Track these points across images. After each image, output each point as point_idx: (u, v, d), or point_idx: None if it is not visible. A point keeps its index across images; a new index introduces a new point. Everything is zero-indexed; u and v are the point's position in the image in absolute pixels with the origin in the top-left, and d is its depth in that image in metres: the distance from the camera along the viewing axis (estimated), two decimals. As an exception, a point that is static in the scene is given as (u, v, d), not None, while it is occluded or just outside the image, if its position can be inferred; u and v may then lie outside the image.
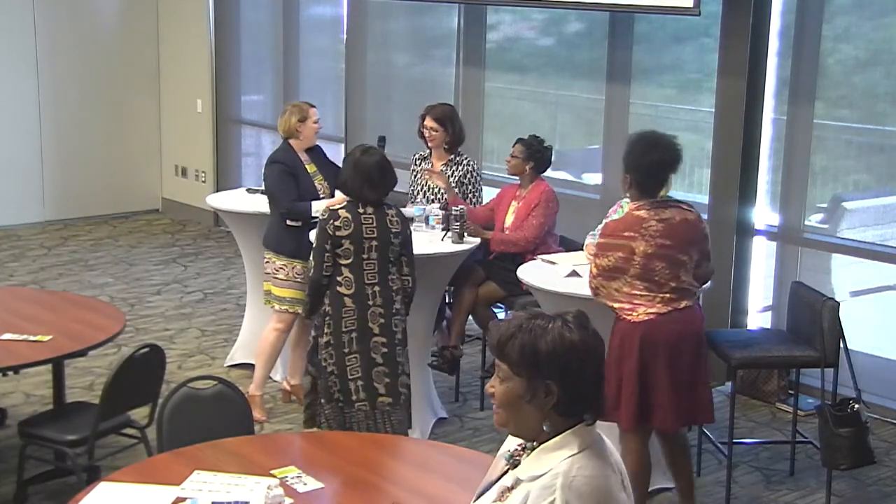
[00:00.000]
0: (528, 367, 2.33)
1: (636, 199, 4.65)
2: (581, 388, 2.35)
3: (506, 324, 2.38)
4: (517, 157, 6.18)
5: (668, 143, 4.69)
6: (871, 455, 4.89)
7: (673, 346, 4.54)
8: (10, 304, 5.45)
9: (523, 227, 6.09)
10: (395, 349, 4.90)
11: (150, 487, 3.40)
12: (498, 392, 2.39)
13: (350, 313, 4.84)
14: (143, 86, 10.51)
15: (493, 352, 2.40)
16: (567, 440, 2.35)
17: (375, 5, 8.99)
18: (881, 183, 6.57)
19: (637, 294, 4.54)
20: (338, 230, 4.81)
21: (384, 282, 4.88)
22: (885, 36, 6.34)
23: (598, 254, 4.63)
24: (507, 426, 2.43)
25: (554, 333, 2.32)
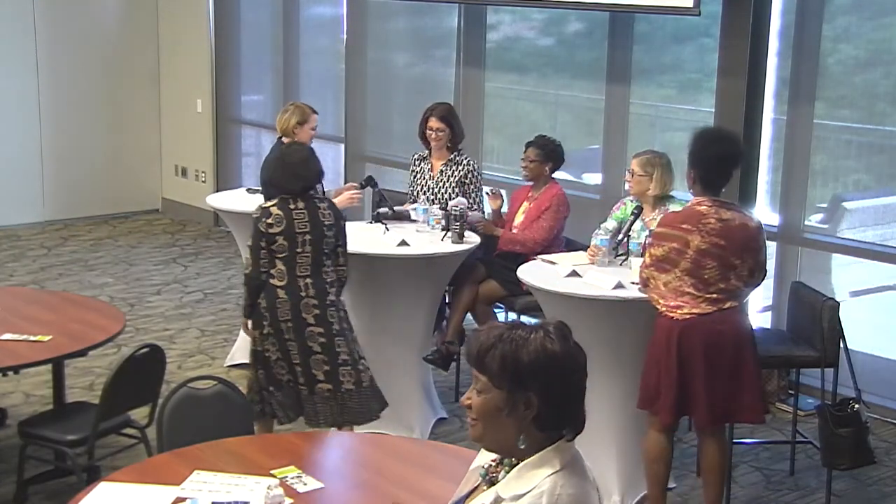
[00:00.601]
0: (508, 378, 2.25)
1: (699, 194, 4.63)
2: (562, 402, 2.29)
3: (485, 334, 2.30)
4: (535, 161, 6.16)
5: (730, 137, 4.79)
6: (871, 455, 4.89)
7: (713, 345, 4.54)
8: (10, 304, 5.45)
9: (532, 229, 6.09)
10: (335, 339, 4.98)
11: (150, 487, 3.40)
12: (475, 404, 2.30)
13: (283, 304, 4.94)
14: (143, 86, 10.51)
15: (470, 362, 2.32)
16: (548, 457, 2.30)
17: (375, 5, 8.99)
18: (881, 183, 6.57)
19: (685, 291, 4.54)
20: (270, 227, 4.91)
21: (317, 274, 4.98)
22: (885, 36, 6.34)
23: (654, 243, 4.63)
24: (482, 440, 2.35)
25: (536, 344, 2.25)
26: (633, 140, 7.33)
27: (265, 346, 4.99)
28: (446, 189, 6.31)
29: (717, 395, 4.59)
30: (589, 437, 5.39)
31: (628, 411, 5.04)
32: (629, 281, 4.98)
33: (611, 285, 4.92)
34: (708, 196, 4.60)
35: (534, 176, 6.20)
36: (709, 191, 4.62)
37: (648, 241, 4.75)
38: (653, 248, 4.64)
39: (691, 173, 4.65)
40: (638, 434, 5.11)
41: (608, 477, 5.07)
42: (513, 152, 8.05)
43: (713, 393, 4.58)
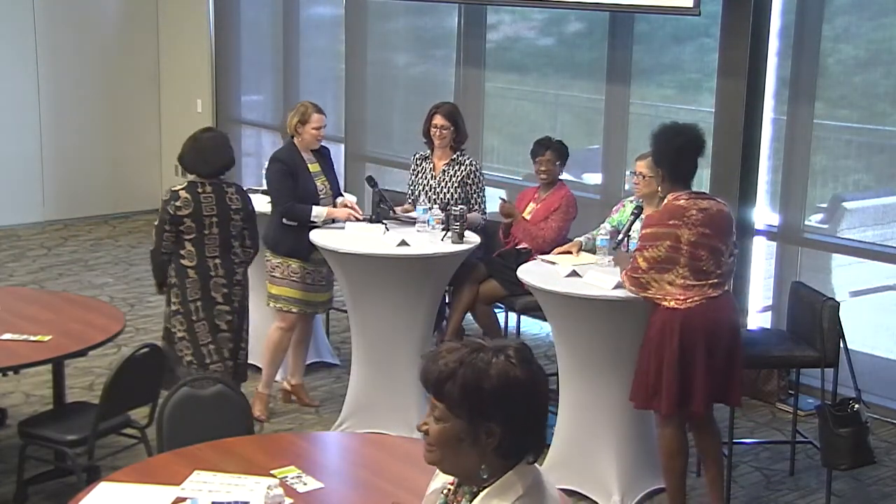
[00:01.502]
0: (470, 407, 2.13)
1: (670, 191, 4.69)
2: (525, 429, 2.18)
3: (442, 359, 2.17)
4: (554, 163, 6.20)
5: (690, 128, 4.80)
6: (871, 455, 4.89)
7: (711, 333, 4.61)
8: (10, 304, 5.45)
9: (543, 228, 6.10)
10: (236, 316, 5.34)
11: (150, 487, 3.40)
12: (433, 431, 2.18)
13: (194, 284, 5.24)
14: (143, 86, 10.51)
15: (428, 389, 2.19)
16: (511, 481, 2.17)
17: (375, 5, 8.99)
18: (881, 183, 6.57)
19: (690, 285, 4.59)
20: (178, 210, 5.17)
21: (226, 255, 5.29)
22: (885, 36, 6.34)
23: (645, 246, 4.64)
24: (441, 466, 2.24)
25: (498, 370, 2.12)
26: (633, 140, 7.33)
27: (172, 323, 5.31)
28: (448, 189, 6.30)
29: (716, 380, 4.64)
30: (589, 437, 5.41)
31: (628, 412, 5.04)
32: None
33: (611, 285, 4.92)
34: (679, 190, 4.67)
35: (553, 178, 6.25)
36: (679, 185, 4.69)
37: (638, 246, 4.73)
38: (646, 251, 4.63)
39: (659, 172, 4.71)
40: (638, 434, 5.12)
41: (608, 477, 5.07)
42: (513, 152, 8.07)
43: (712, 378, 4.63)
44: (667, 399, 4.63)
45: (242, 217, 5.33)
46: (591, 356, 5.03)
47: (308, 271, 5.92)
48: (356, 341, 5.84)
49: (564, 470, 5.13)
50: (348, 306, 5.87)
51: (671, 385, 4.61)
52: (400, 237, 5.67)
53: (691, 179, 4.75)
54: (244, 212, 5.34)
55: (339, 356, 6.90)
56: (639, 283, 4.67)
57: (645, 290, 4.66)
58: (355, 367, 5.87)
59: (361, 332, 5.77)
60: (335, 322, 7.45)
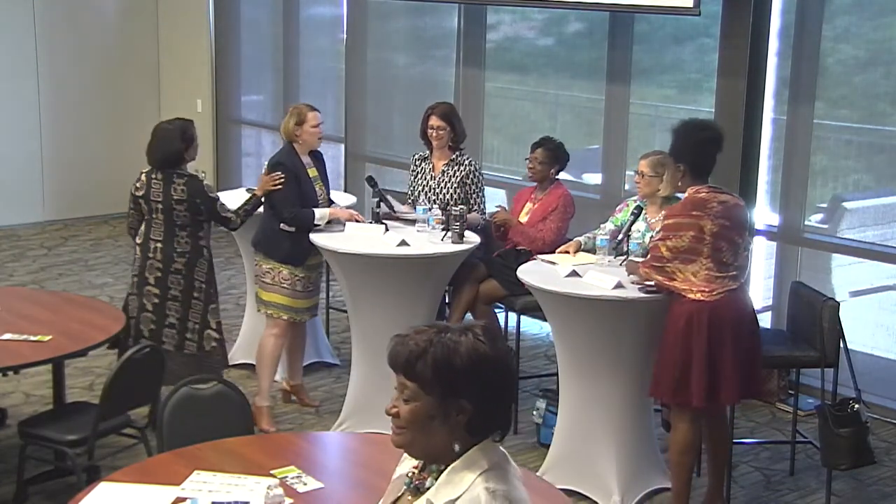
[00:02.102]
0: (441, 384, 2.17)
1: (691, 184, 4.71)
2: (495, 406, 2.22)
3: (412, 339, 2.21)
4: (543, 163, 6.17)
5: (712, 123, 4.88)
6: (871, 455, 4.89)
7: (737, 325, 4.67)
8: (10, 304, 5.45)
9: (541, 229, 6.10)
10: (168, 302, 5.60)
11: (150, 487, 3.40)
12: (404, 412, 2.21)
13: (136, 261, 5.66)
14: (143, 86, 10.51)
15: (397, 369, 2.21)
16: (474, 457, 2.21)
17: (375, 5, 8.99)
18: (881, 183, 6.57)
19: (714, 276, 4.61)
20: (136, 190, 5.63)
21: (169, 241, 5.58)
22: (885, 36, 6.34)
23: (669, 235, 4.64)
24: (410, 448, 2.26)
25: (467, 348, 2.18)
26: (633, 140, 7.34)
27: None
28: (448, 189, 6.30)
29: (744, 371, 4.70)
30: (589, 437, 5.41)
31: (628, 412, 5.04)
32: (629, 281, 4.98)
33: (611, 285, 4.92)
34: (699, 184, 4.69)
35: (540, 177, 6.21)
36: (699, 179, 4.71)
37: (660, 236, 4.71)
38: (670, 241, 4.64)
39: (680, 168, 4.72)
40: (638, 434, 5.12)
41: (608, 477, 5.07)
42: (513, 152, 8.07)
43: (742, 370, 4.68)
44: (697, 392, 4.64)
45: (186, 209, 5.53)
46: (591, 356, 5.03)
47: (299, 278, 5.84)
48: (356, 341, 5.84)
49: (564, 470, 5.13)
50: (348, 306, 5.87)
51: (701, 378, 4.63)
52: (400, 237, 5.67)
53: (710, 172, 4.78)
54: (187, 203, 5.52)
55: (339, 356, 6.90)
56: (664, 272, 4.66)
57: (671, 279, 4.66)
58: (355, 367, 5.87)
59: (361, 332, 5.77)
60: (335, 322, 7.45)
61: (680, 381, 4.67)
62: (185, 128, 5.69)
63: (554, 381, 5.91)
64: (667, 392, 4.76)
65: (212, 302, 5.71)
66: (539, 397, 5.80)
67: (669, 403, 4.83)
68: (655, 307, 4.88)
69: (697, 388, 4.64)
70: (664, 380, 4.73)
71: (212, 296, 5.71)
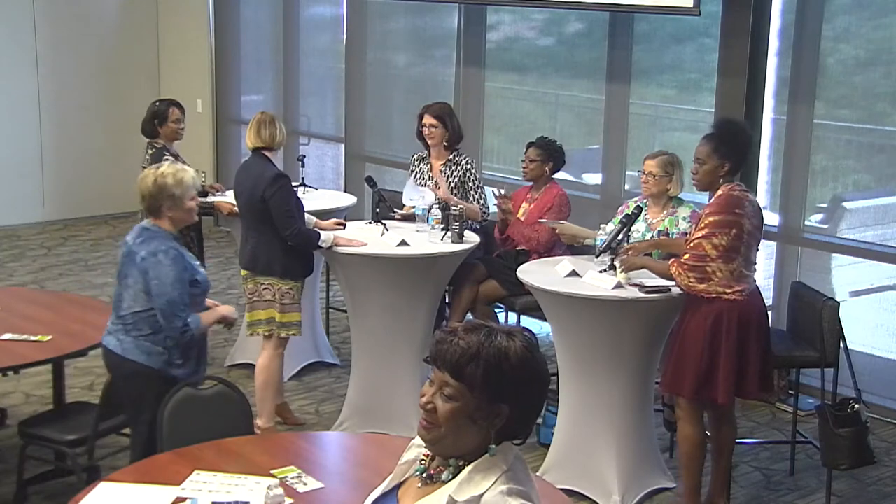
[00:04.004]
0: (489, 389, 2.19)
1: (727, 182, 4.68)
2: (531, 412, 2.26)
3: (461, 339, 2.21)
4: (535, 161, 6.17)
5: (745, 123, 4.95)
6: (871, 455, 4.89)
7: (759, 321, 4.71)
8: (10, 304, 5.45)
9: (537, 229, 6.10)
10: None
11: (150, 487, 3.40)
12: (442, 410, 2.21)
13: None
14: (143, 86, 10.51)
15: (444, 368, 2.21)
16: (496, 461, 2.22)
17: (375, 5, 8.99)
18: (881, 183, 6.57)
19: (745, 275, 4.64)
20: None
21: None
22: (885, 36, 6.34)
23: (714, 233, 4.58)
24: (438, 444, 2.26)
25: (518, 354, 2.20)
26: (633, 140, 7.34)
27: None
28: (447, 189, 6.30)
29: (770, 365, 4.78)
30: (589, 437, 5.41)
31: (628, 412, 5.04)
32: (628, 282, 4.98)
33: (611, 285, 4.92)
34: (732, 182, 4.69)
35: (534, 176, 6.21)
36: (733, 177, 4.73)
37: (704, 234, 4.61)
38: (715, 238, 4.58)
39: (725, 165, 4.65)
40: (638, 434, 5.12)
41: (608, 477, 5.07)
42: (513, 152, 8.07)
43: (765, 366, 4.74)
44: (724, 389, 4.65)
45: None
46: (591, 356, 5.03)
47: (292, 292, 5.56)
48: (356, 341, 5.84)
49: (564, 470, 5.13)
50: (348, 306, 5.87)
51: (729, 375, 4.63)
52: (400, 237, 5.67)
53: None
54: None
55: (339, 356, 6.90)
56: (702, 271, 4.59)
57: (706, 279, 4.60)
58: (355, 367, 5.87)
59: (361, 332, 5.77)
60: (335, 322, 7.45)
61: (705, 379, 4.66)
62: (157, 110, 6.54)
63: (554, 381, 5.90)
64: (688, 389, 4.72)
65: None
66: (539, 397, 5.79)
67: (687, 400, 4.78)
68: (655, 307, 4.89)
69: (725, 386, 4.65)
70: (686, 376, 4.70)
71: None
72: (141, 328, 4.26)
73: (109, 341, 4.37)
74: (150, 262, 4.20)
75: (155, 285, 4.19)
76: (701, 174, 4.72)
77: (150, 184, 4.27)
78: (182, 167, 4.44)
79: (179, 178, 4.29)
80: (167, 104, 6.60)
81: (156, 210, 4.29)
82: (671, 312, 4.89)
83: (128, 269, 4.29)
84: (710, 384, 4.67)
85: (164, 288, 4.18)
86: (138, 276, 4.23)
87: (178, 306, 4.19)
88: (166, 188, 4.25)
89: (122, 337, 4.31)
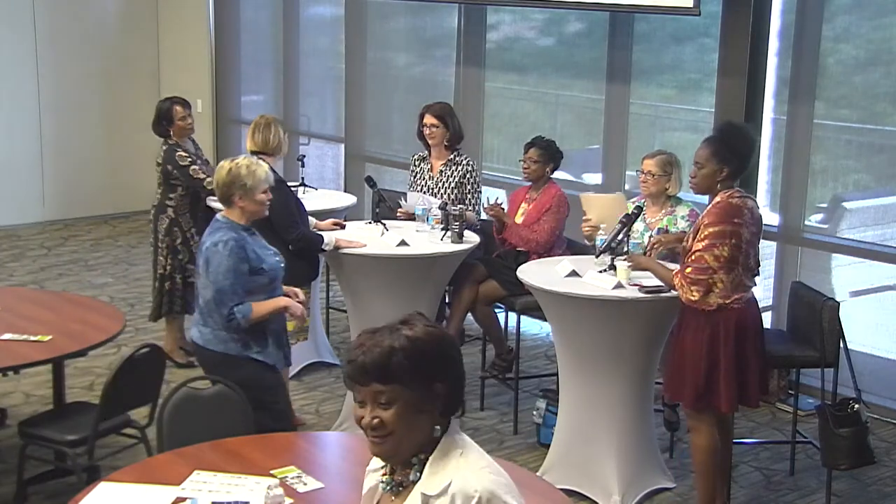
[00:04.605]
0: (420, 375, 2.23)
1: (726, 188, 4.62)
2: (461, 381, 2.33)
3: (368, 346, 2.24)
4: (538, 162, 6.16)
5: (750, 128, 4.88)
6: (871, 455, 4.89)
7: (756, 329, 4.70)
8: (10, 304, 5.45)
9: (535, 230, 6.09)
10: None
11: (150, 487, 3.40)
12: (388, 418, 2.24)
13: None
14: (143, 86, 10.51)
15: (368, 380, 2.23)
16: (448, 442, 2.30)
17: (375, 5, 8.99)
18: (881, 183, 6.57)
19: (744, 284, 4.61)
20: None
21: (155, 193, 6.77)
22: (885, 36, 6.34)
23: (715, 244, 4.51)
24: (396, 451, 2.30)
25: (426, 333, 2.26)
26: (633, 140, 7.34)
27: None
28: (446, 189, 6.31)
29: (767, 371, 4.79)
30: (589, 437, 5.40)
31: (628, 412, 5.04)
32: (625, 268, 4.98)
33: (611, 285, 4.92)
34: (730, 188, 4.64)
35: (536, 177, 6.21)
36: (732, 183, 4.66)
37: (704, 246, 4.53)
38: (716, 249, 4.51)
39: (723, 170, 4.59)
40: (638, 434, 5.12)
41: (608, 477, 5.07)
42: (513, 152, 8.06)
43: (763, 373, 4.74)
44: (727, 398, 4.63)
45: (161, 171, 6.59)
46: (591, 356, 5.02)
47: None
48: (356, 341, 5.83)
49: (564, 470, 5.13)
50: (348, 306, 5.87)
51: (730, 384, 4.61)
52: (399, 237, 5.67)
53: None
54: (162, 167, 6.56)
55: (339, 356, 6.89)
56: (705, 283, 4.53)
57: (708, 292, 4.53)
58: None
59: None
60: (335, 322, 7.46)
61: (705, 388, 4.63)
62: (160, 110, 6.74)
63: (554, 381, 5.91)
64: (689, 399, 4.70)
65: (161, 254, 6.54)
66: (539, 397, 5.80)
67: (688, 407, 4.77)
68: (655, 307, 4.88)
69: (727, 395, 4.62)
70: (686, 386, 4.66)
71: (163, 249, 6.56)
72: (215, 318, 4.43)
73: (193, 333, 4.58)
74: (210, 251, 4.39)
75: (210, 273, 4.37)
76: (699, 178, 4.66)
77: (225, 174, 4.45)
78: (257, 161, 4.59)
79: (252, 170, 4.45)
80: (169, 103, 6.71)
81: (227, 199, 4.46)
82: (671, 312, 4.88)
83: (199, 260, 4.51)
84: (711, 394, 4.64)
85: (216, 276, 4.35)
86: (203, 265, 4.44)
87: (226, 295, 4.35)
88: (239, 178, 4.42)
89: (202, 328, 4.50)
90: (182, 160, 6.44)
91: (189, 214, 6.59)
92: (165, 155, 6.51)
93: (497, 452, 5.41)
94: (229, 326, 4.38)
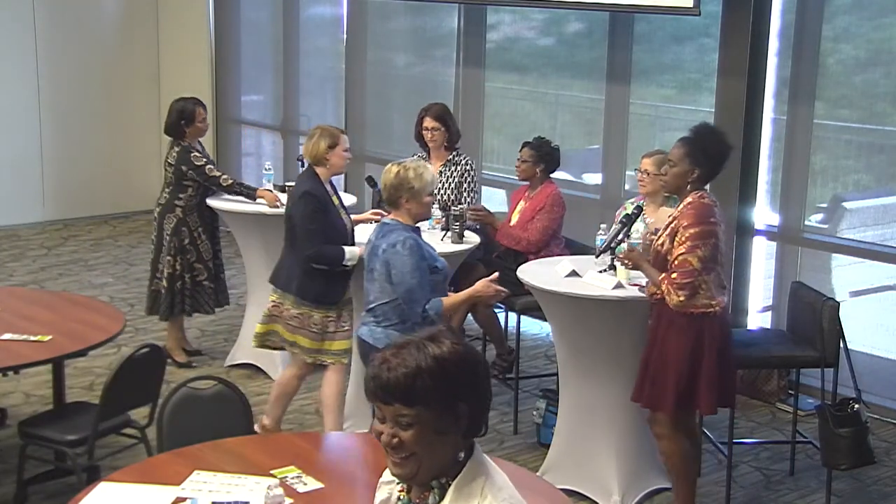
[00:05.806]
0: (444, 396, 2.15)
1: (695, 190, 4.61)
2: (485, 401, 2.25)
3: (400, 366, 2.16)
4: (527, 161, 6.17)
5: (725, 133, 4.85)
6: (871, 455, 4.89)
7: (730, 333, 4.74)
8: (10, 304, 5.45)
9: (527, 229, 6.09)
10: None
11: (150, 487, 3.40)
12: (408, 439, 2.16)
13: None
14: (143, 86, 10.51)
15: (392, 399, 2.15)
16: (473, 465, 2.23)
17: (375, 5, 8.99)
18: (881, 183, 6.57)
19: (722, 287, 4.63)
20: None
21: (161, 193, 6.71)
22: (885, 36, 6.34)
23: (698, 245, 4.48)
24: (418, 474, 2.20)
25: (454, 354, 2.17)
26: (633, 140, 7.34)
27: None
28: (446, 190, 6.31)
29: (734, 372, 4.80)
30: (589, 437, 5.40)
31: (628, 412, 5.04)
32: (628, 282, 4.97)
33: (611, 285, 4.92)
34: (701, 190, 4.64)
35: (526, 176, 6.23)
36: (703, 185, 4.67)
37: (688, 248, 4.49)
38: (700, 251, 4.48)
39: (694, 172, 4.57)
40: (638, 434, 5.12)
41: (608, 477, 5.07)
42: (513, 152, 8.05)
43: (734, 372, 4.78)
44: (706, 401, 4.63)
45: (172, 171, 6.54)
46: (591, 356, 5.03)
47: (331, 318, 5.30)
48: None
49: (564, 470, 5.13)
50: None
51: (712, 387, 4.60)
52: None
53: None
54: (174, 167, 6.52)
55: (339, 356, 6.88)
56: (691, 287, 4.48)
57: (694, 294, 4.49)
58: (355, 367, 5.86)
59: (361, 332, 5.76)
60: (335, 322, 7.44)
61: (685, 392, 4.60)
62: (183, 109, 6.56)
63: (554, 381, 5.91)
64: (670, 404, 4.65)
65: (169, 254, 6.57)
66: (539, 397, 5.80)
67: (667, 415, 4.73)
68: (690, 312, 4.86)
69: (707, 398, 4.61)
70: (668, 390, 4.62)
71: (170, 249, 6.58)
72: (390, 318, 4.55)
73: (363, 331, 4.67)
74: (389, 253, 4.47)
75: (395, 275, 4.47)
76: (669, 176, 4.65)
77: (393, 176, 4.53)
78: (424, 164, 4.64)
79: (420, 173, 4.53)
80: (193, 104, 6.58)
81: (395, 201, 4.54)
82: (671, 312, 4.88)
83: (372, 263, 4.60)
84: (692, 397, 4.62)
85: (403, 277, 4.46)
86: (381, 268, 4.52)
87: (415, 293, 4.46)
88: (407, 181, 4.50)
89: (374, 328, 4.60)
90: (197, 160, 6.50)
91: (197, 214, 6.60)
92: (179, 156, 6.52)
93: (497, 452, 5.41)
94: (423, 323, 4.39)
